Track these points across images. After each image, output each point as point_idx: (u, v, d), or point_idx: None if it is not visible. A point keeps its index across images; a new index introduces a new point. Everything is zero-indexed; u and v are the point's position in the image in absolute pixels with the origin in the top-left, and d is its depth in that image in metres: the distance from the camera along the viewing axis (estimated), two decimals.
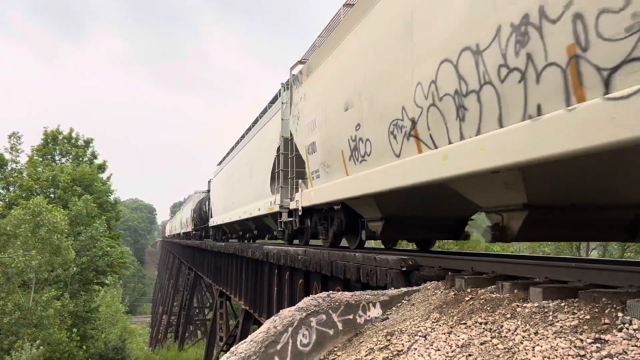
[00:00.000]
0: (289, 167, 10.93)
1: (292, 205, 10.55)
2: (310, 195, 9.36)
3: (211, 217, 26.98)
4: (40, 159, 32.98)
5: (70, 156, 34.45)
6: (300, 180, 10.19)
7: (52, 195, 29.74)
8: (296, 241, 12.32)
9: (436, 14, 4.89)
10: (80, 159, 34.38)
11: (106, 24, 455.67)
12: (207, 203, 29.21)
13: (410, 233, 8.14)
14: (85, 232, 25.86)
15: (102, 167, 34.57)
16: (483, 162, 4.22)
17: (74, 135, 34.91)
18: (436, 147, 5.06)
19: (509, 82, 3.93)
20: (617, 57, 3.05)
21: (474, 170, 4.37)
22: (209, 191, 29.60)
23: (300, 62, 10.52)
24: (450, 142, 4.79)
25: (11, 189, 30.07)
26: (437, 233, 8.11)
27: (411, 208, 7.04)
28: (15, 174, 30.16)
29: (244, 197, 16.78)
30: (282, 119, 11.42)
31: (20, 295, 19.90)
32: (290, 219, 10.85)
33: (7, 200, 29.06)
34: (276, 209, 11.66)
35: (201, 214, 32.13)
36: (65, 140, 34.59)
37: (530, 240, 7.46)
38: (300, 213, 10.15)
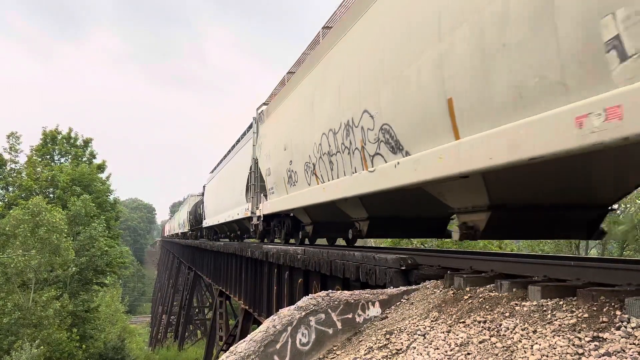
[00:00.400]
0: (256, 183, 14.00)
1: (258, 213, 13.83)
2: (267, 206, 12.85)
3: (204, 219, 28.80)
4: (40, 159, 32.95)
5: (70, 156, 34.42)
6: (262, 194, 13.53)
7: (51, 195, 29.71)
8: (266, 240, 15.31)
9: (320, 107, 8.26)
10: (80, 158, 34.35)
11: (104, 22, 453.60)
12: (201, 206, 31.13)
13: (331, 232, 11.83)
14: (84, 232, 25.84)
15: (101, 167, 34.54)
16: (340, 193, 7.57)
17: (72, 135, 34.90)
18: (323, 182, 8.42)
19: (346, 153, 7.15)
20: (374, 151, 6.20)
21: (338, 197, 7.79)
22: (203, 194, 31.05)
23: (264, 103, 13.62)
24: (328, 180, 8.12)
25: (10, 189, 30.04)
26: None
27: (328, 215, 10.44)
28: (15, 174, 30.12)
29: (229, 203, 19.36)
30: (253, 145, 14.37)
31: (20, 295, 19.89)
32: (258, 222, 13.94)
33: (6, 200, 29.03)
34: (249, 214, 14.87)
35: (196, 216, 33.90)
36: (64, 140, 34.56)
37: (373, 237, 11.72)
38: (262, 219, 13.50)
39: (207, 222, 27.51)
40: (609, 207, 5.65)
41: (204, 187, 30.89)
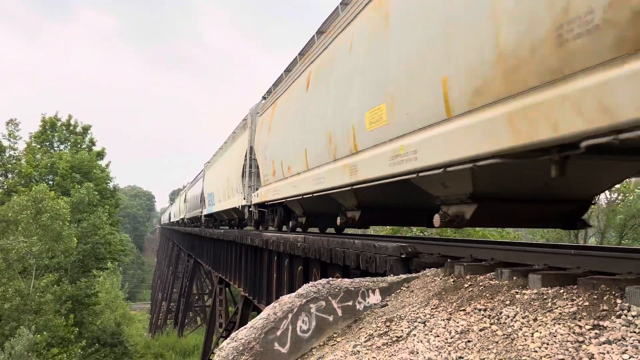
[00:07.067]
0: (198, 202, 21.59)
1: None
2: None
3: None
4: (39, 146, 32.86)
5: (69, 143, 34.34)
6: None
7: (50, 182, 29.69)
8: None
9: (214, 181, 22.08)
10: (79, 145, 34.27)
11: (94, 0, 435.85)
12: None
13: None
14: (87, 220, 25.87)
15: (100, 154, 34.49)
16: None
17: (72, 122, 34.78)
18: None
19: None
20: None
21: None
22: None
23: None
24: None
25: (10, 175, 29.97)
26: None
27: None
28: (14, 161, 30.03)
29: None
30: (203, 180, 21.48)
31: (21, 281, 19.95)
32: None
33: (5, 187, 28.98)
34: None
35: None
36: (64, 127, 34.45)
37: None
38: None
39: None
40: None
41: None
